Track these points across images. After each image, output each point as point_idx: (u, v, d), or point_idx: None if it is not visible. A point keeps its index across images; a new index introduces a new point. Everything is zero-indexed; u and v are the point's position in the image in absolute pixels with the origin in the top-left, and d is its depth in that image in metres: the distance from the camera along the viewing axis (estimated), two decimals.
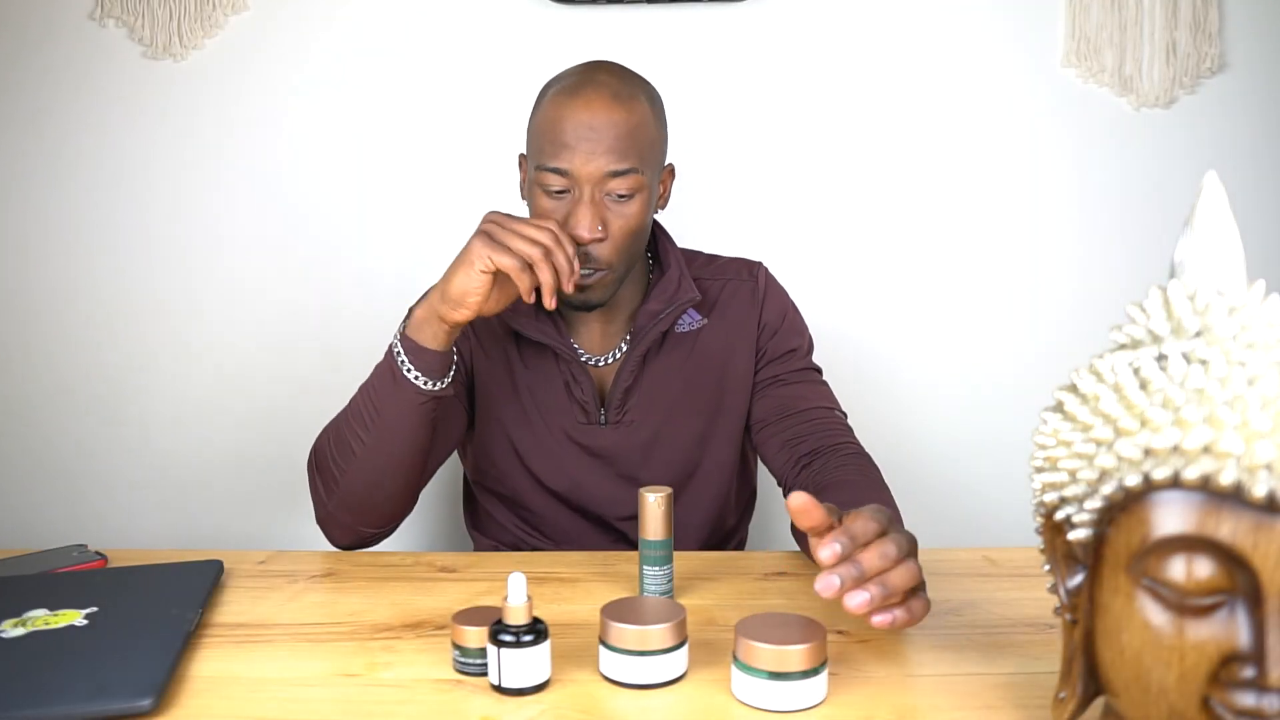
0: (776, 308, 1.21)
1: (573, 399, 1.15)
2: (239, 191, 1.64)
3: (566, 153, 1.02)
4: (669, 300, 1.13)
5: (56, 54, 1.61)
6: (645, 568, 0.89)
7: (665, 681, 0.72)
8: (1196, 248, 0.56)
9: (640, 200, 1.06)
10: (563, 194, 1.04)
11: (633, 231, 1.06)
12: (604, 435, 1.15)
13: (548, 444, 1.15)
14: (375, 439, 1.01)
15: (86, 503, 1.68)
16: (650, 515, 0.88)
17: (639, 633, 0.71)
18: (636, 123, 1.04)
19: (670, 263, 1.17)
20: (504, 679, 0.71)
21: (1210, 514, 0.49)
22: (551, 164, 1.03)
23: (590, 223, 1.03)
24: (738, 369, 1.18)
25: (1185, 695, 0.50)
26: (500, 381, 1.17)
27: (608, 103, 1.03)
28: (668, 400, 1.16)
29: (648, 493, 0.88)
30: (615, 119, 1.03)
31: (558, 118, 1.03)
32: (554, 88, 1.07)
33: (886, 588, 0.70)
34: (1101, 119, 1.64)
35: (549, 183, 1.04)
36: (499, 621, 0.72)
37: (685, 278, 1.15)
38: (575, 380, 1.14)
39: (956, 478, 1.69)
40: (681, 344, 1.17)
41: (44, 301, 1.66)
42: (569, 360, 1.13)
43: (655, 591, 0.89)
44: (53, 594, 0.86)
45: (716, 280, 1.20)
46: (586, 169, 1.02)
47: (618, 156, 1.03)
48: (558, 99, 1.05)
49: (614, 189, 1.04)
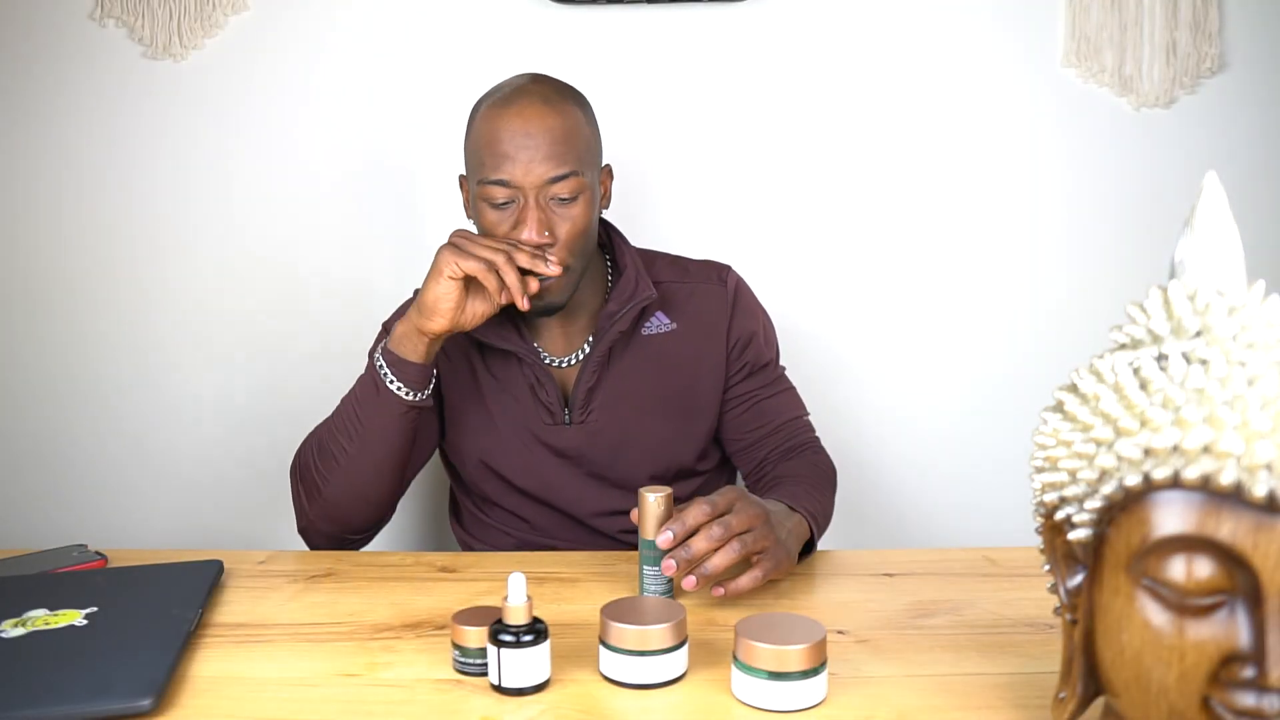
0: (748, 318, 1.23)
1: (538, 401, 1.16)
2: (239, 192, 1.64)
3: (507, 163, 1.04)
4: (626, 300, 1.15)
5: (56, 54, 1.61)
6: (645, 568, 0.89)
7: (665, 681, 0.72)
8: (1196, 248, 0.56)
9: (584, 201, 1.08)
10: (506, 205, 1.06)
11: (580, 232, 1.09)
12: (570, 435, 1.17)
13: (516, 446, 1.17)
14: (359, 448, 1.06)
15: (86, 503, 1.68)
16: (649, 515, 0.88)
17: (639, 633, 0.71)
18: (571, 126, 1.07)
19: (626, 263, 1.19)
20: (504, 679, 0.71)
21: (1210, 514, 0.49)
22: (493, 176, 1.05)
23: (537, 228, 1.05)
24: (706, 375, 1.20)
25: (1185, 695, 0.50)
26: (467, 391, 1.19)
27: (540, 110, 1.05)
28: (632, 401, 1.17)
29: (647, 492, 0.88)
30: (550, 124, 1.05)
31: (493, 130, 1.06)
32: (485, 104, 1.09)
33: (708, 569, 0.84)
34: (1101, 119, 1.64)
35: (493, 195, 1.06)
36: (499, 621, 0.72)
37: (642, 277, 1.17)
38: (539, 383, 1.15)
39: (956, 478, 1.69)
40: (648, 346, 1.19)
41: (44, 301, 1.66)
42: (532, 364, 1.15)
43: (655, 591, 0.89)
44: (53, 594, 0.86)
45: (684, 284, 1.22)
46: (528, 177, 1.04)
47: (557, 162, 1.05)
48: (490, 113, 1.07)
49: (556, 193, 1.06)
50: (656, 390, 1.18)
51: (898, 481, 1.69)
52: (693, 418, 1.20)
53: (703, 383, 1.20)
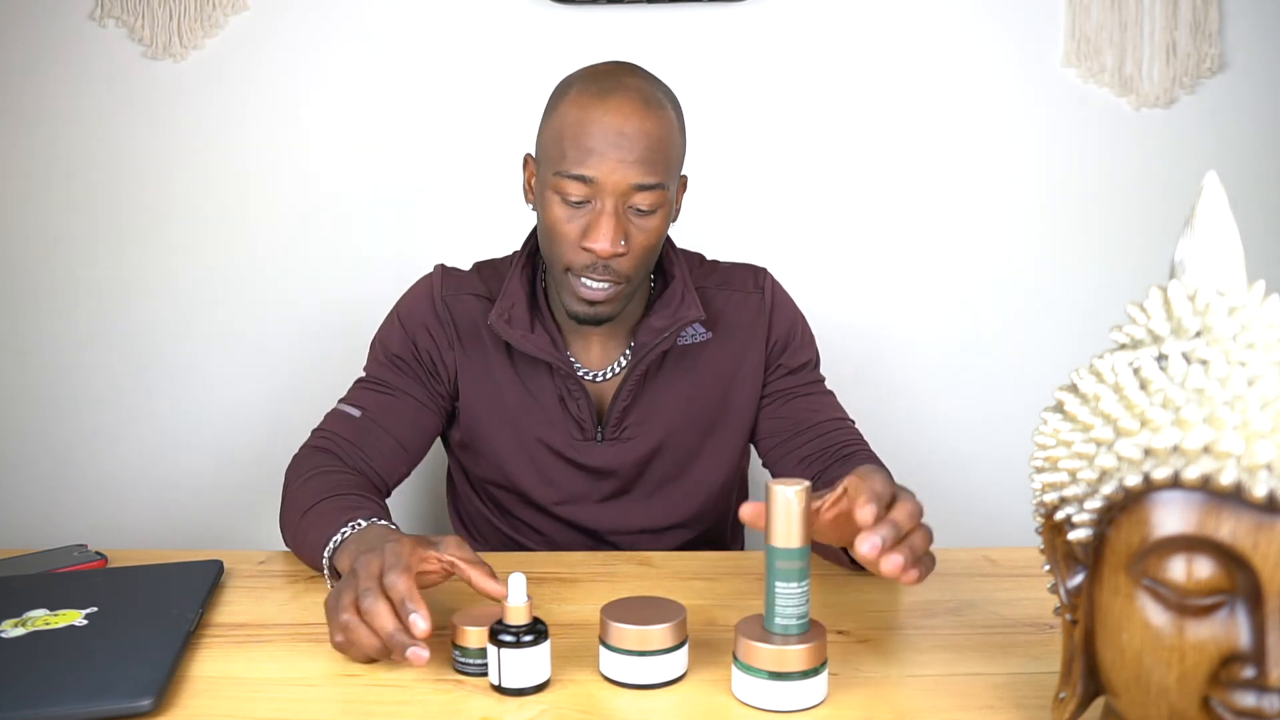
0: (786, 320, 1.16)
1: (568, 414, 1.10)
2: (239, 192, 1.64)
3: (594, 159, 0.96)
4: (671, 315, 1.08)
5: (56, 54, 1.61)
6: (777, 585, 0.69)
7: (665, 681, 0.72)
8: (1196, 248, 0.56)
9: (661, 215, 1.01)
10: (581, 204, 0.99)
11: (651, 247, 1.02)
12: (600, 453, 1.11)
13: (539, 460, 1.12)
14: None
15: (86, 503, 1.68)
16: (780, 514, 0.68)
17: (639, 633, 0.71)
18: (665, 133, 0.99)
19: (675, 275, 1.11)
20: (504, 679, 0.71)
21: (1210, 514, 0.49)
22: (575, 171, 0.97)
23: (613, 236, 0.97)
24: (744, 384, 1.14)
25: (1185, 695, 0.50)
26: (489, 396, 1.12)
27: (639, 110, 0.97)
28: (667, 416, 1.12)
29: (780, 486, 0.69)
30: (646, 128, 0.97)
31: (583, 121, 0.97)
32: (575, 87, 1.00)
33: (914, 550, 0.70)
34: (1101, 119, 1.64)
35: (569, 191, 0.98)
36: (499, 622, 0.72)
37: (690, 292, 1.09)
38: (570, 395, 1.09)
39: (957, 478, 1.69)
40: (684, 358, 1.12)
41: (43, 301, 1.66)
42: (566, 375, 1.08)
43: (791, 615, 0.69)
44: (53, 594, 0.86)
45: (720, 290, 1.16)
46: (613, 179, 0.96)
47: (646, 169, 0.97)
48: (582, 100, 0.98)
49: (638, 203, 0.98)
50: (691, 403, 1.12)
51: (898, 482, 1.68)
52: (725, 428, 1.14)
53: (737, 391, 1.14)
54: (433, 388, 1.12)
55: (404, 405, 1.10)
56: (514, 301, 1.08)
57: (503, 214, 1.58)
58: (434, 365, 1.12)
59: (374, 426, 1.08)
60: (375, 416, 1.08)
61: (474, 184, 1.64)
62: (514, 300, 1.08)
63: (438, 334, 1.12)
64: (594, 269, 1.00)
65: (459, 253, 1.32)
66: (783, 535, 0.68)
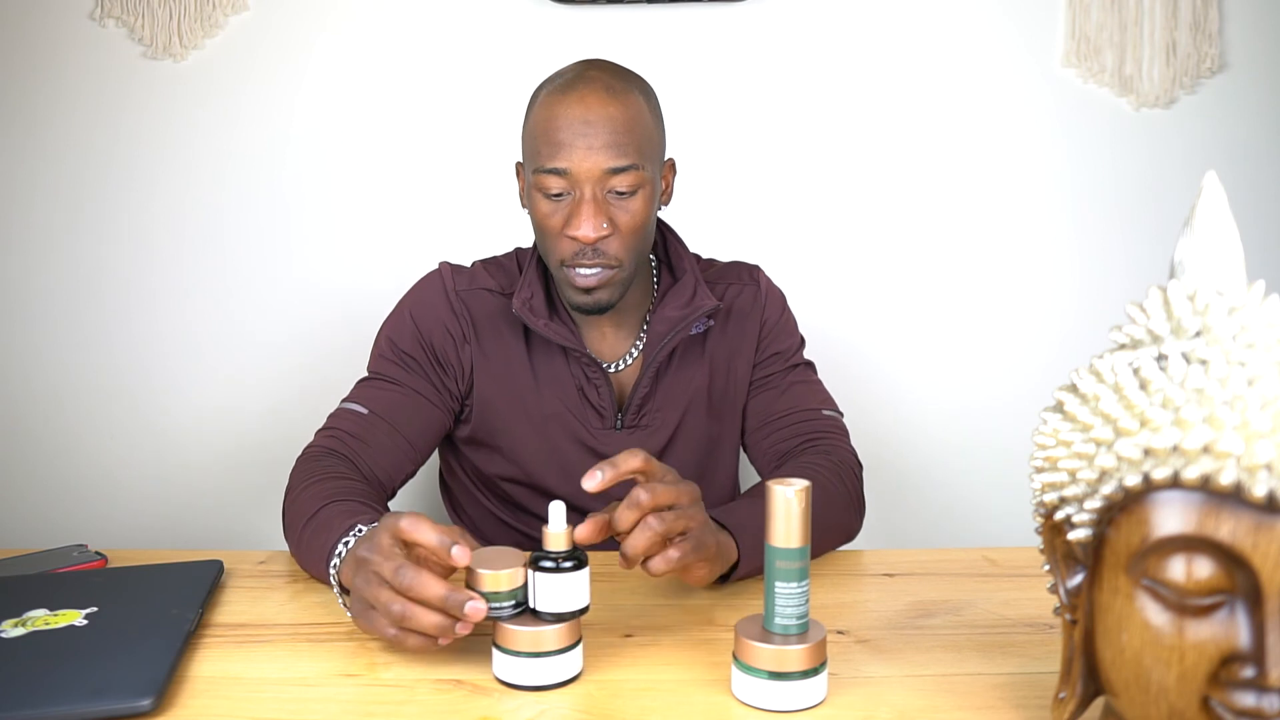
0: (774, 310, 1.20)
1: (587, 402, 1.12)
2: (238, 192, 1.64)
3: (564, 151, 1.00)
4: (686, 305, 1.10)
5: (56, 54, 1.61)
6: (777, 585, 0.69)
7: (559, 683, 0.72)
8: (1196, 248, 0.56)
9: (643, 196, 1.03)
10: (561, 196, 1.02)
11: (638, 228, 1.04)
12: (620, 440, 1.13)
13: (559, 450, 1.13)
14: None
15: (86, 503, 1.68)
16: (780, 514, 0.68)
17: (532, 634, 0.71)
18: (632, 116, 1.01)
19: (685, 267, 1.14)
20: (543, 603, 0.71)
21: (1210, 514, 0.49)
22: (549, 165, 1.01)
23: (594, 221, 1.00)
24: (739, 373, 1.18)
25: (1185, 695, 0.50)
26: (507, 389, 1.12)
27: (601, 97, 1.00)
28: (682, 403, 1.15)
29: (780, 486, 0.68)
30: (611, 113, 1.00)
31: (550, 117, 1.01)
32: (545, 89, 1.05)
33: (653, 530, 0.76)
34: (1101, 119, 1.64)
35: (547, 185, 1.02)
36: (539, 550, 0.73)
37: (701, 284, 1.12)
38: (590, 382, 1.11)
39: (957, 478, 1.69)
40: (692, 346, 1.15)
41: (44, 301, 1.66)
42: (586, 363, 1.10)
43: (791, 615, 0.69)
44: (53, 594, 0.86)
45: (719, 284, 1.19)
46: (584, 166, 1.00)
47: (616, 152, 1.00)
48: (550, 99, 1.02)
49: (615, 185, 1.01)
50: (700, 391, 1.15)
51: (898, 481, 1.69)
52: (729, 417, 1.18)
53: (735, 380, 1.17)
54: (443, 385, 1.11)
55: (413, 402, 1.09)
56: (533, 292, 1.10)
57: (503, 213, 1.58)
58: (447, 362, 1.12)
59: (381, 424, 1.07)
60: (383, 414, 1.08)
61: (474, 183, 1.64)
62: (533, 290, 1.10)
63: (454, 330, 1.12)
64: (583, 255, 1.02)
65: (459, 252, 1.32)
66: (782, 535, 0.68)
